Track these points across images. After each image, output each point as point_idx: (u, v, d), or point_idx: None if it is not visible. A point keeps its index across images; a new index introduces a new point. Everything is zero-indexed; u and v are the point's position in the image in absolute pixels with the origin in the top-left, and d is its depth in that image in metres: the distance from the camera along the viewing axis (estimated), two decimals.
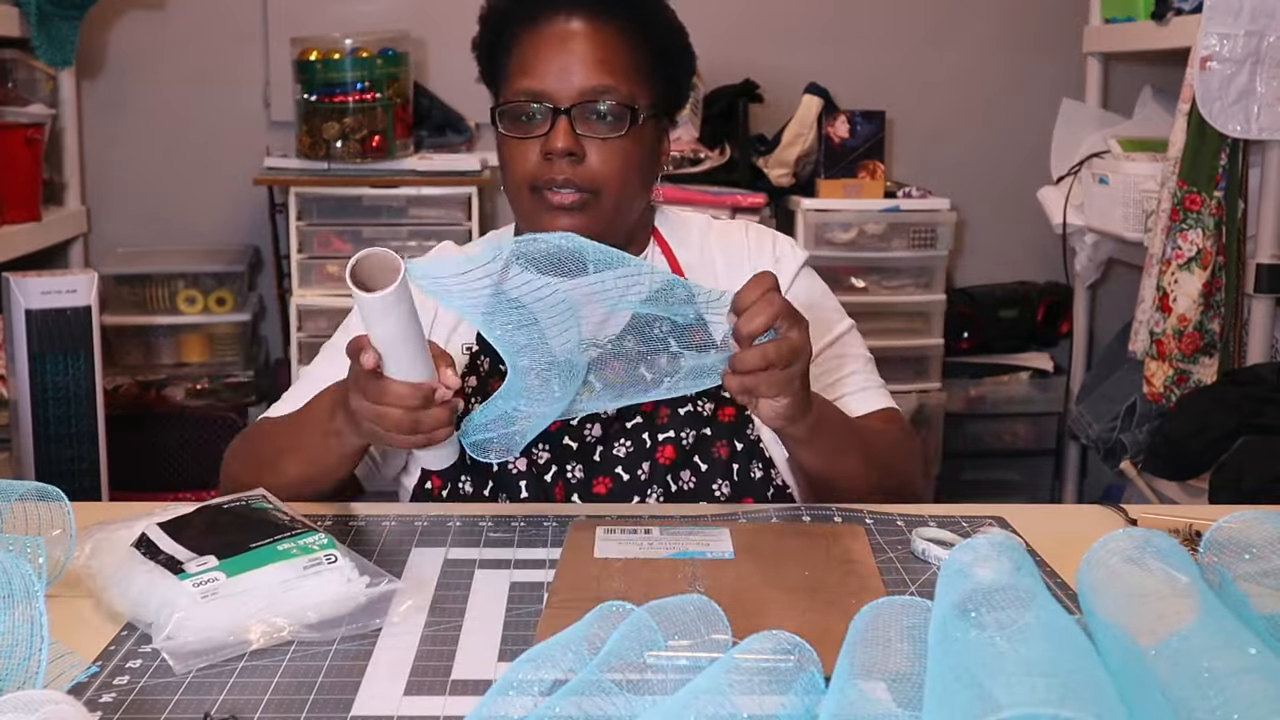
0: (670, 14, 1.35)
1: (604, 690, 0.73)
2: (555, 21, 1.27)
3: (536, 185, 1.25)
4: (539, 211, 1.26)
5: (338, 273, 2.70)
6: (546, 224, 1.25)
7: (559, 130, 1.24)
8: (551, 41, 1.26)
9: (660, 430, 1.29)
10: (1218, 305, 2.22)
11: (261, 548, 0.93)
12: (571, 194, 1.25)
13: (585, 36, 1.26)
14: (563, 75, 1.25)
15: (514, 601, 0.98)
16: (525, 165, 1.26)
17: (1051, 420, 3.04)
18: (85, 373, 1.98)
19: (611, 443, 1.30)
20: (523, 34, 1.29)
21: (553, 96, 1.25)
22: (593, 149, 1.25)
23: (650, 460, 1.28)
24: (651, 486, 1.28)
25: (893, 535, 1.13)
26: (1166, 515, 1.18)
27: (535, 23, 1.28)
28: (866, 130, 2.81)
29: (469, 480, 1.30)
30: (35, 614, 0.77)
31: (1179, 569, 0.77)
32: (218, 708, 0.80)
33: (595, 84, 1.25)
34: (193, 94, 2.98)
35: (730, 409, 1.31)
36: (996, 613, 0.72)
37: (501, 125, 1.28)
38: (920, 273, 2.83)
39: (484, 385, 1.33)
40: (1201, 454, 2.00)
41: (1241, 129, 2.13)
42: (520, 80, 1.26)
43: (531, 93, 1.25)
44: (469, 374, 1.34)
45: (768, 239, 1.43)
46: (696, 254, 1.40)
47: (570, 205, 1.25)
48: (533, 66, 1.26)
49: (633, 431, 1.30)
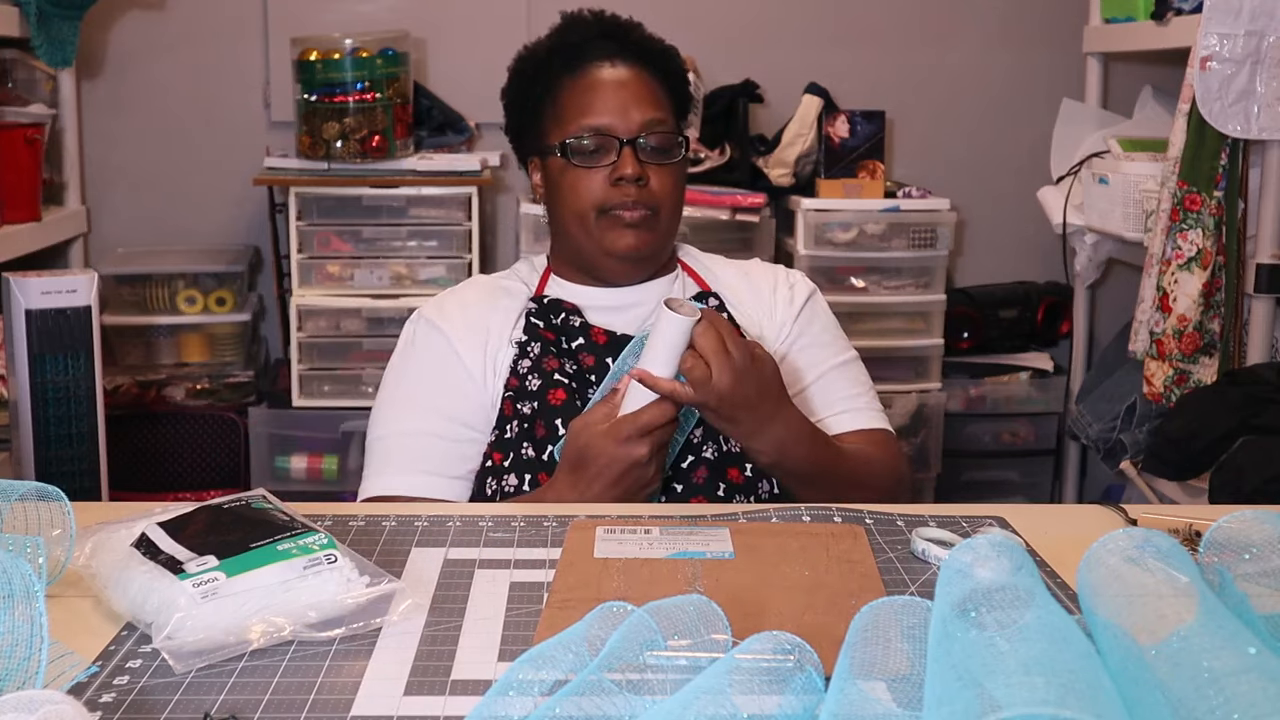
0: (680, 61, 1.54)
1: (604, 690, 0.73)
2: (601, 67, 1.45)
3: (606, 208, 1.42)
4: (608, 230, 1.43)
5: (338, 273, 2.70)
6: (615, 240, 1.43)
7: (626, 158, 1.41)
8: (605, 83, 1.44)
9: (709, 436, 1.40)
10: (1218, 305, 2.22)
11: (261, 548, 0.93)
12: (640, 211, 1.42)
13: (633, 78, 1.46)
14: (623, 111, 1.43)
15: (514, 601, 0.98)
16: (593, 192, 1.43)
17: (1051, 420, 3.04)
18: (85, 373, 1.98)
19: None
20: (568, 82, 1.46)
21: (617, 130, 1.42)
22: (652, 174, 1.43)
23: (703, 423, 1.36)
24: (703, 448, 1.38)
25: (893, 535, 1.13)
26: (1166, 515, 1.18)
27: (580, 71, 1.46)
28: (866, 130, 2.81)
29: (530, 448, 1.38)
30: (35, 614, 0.77)
31: (1179, 569, 0.77)
32: (218, 708, 0.80)
33: (651, 117, 1.43)
34: (193, 94, 2.98)
35: None
36: (996, 613, 0.72)
37: (570, 158, 1.43)
38: (920, 273, 2.83)
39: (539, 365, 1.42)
40: (1201, 454, 2.00)
41: (1241, 129, 2.13)
42: (582, 119, 1.43)
43: (595, 128, 1.42)
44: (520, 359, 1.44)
45: (780, 272, 1.59)
46: (719, 279, 1.55)
47: (638, 222, 1.42)
48: (592, 106, 1.43)
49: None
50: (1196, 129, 2.17)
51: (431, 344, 1.46)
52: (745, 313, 1.51)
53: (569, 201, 1.45)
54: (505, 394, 1.42)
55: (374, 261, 2.70)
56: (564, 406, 1.39)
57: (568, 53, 1.46)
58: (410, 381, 1.46)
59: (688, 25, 1.38)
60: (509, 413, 1.41)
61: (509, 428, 1.40)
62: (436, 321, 1.47)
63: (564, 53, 1.47)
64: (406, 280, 2.71)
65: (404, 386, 1.46)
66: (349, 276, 2.70)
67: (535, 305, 1.48)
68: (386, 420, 1.45)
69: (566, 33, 1.49)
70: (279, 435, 2.74)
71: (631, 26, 1.50)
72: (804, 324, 1.52)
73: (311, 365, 2.71)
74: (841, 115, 2.81)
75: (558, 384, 1.40)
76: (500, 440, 1.41)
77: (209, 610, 0.87)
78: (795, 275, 1.58)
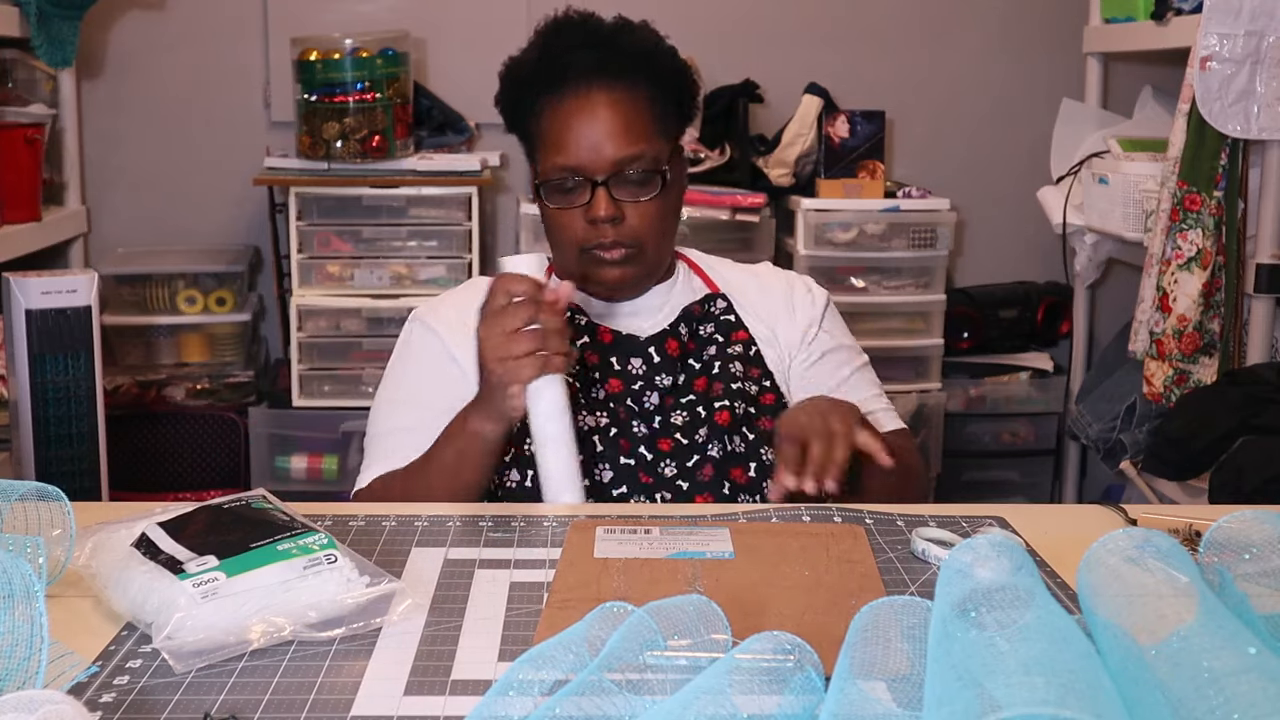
0: (675, 58, 1.47)
1: (604, 690, 0.73)
2: (579, 92, 1.39)
3: (586, 248, 1.40)
4: (591, 267, 1.41)
5: (338, 273, 2.70)
6: (600, 276, 1.42)
7: (599, 200, 1.37)
8: (579, 116, 1.38)
9: (716, 399, 1.41)
10: (1217, 305, 2.22)
11: (261, 548, 0.93)
12: (619, 250, 1.40)
13: (609, 106, 1.38)
14: (595, 150, 1.37)
15: (514, 601, 0.98)
16: (573, 231, 1.40)
17: (1051, 420, 3.04)
18: (85, 373, 1.98)
19: (669, 413, 1.42)
20: (548, 105, 1.41)
21: (588, 170, 1.38)
22: (630, 210, 1.39)
23: (709, 424, 1.40)
24: (711, 443, 1.40)
25: (893, 535, 1.13)
26: (1166, 515, 1.18)
27: (559, 93, 1.40)
28: (866, 130, 2.81)
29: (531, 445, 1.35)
30: (35, 614, 0.77)
31: (1179, 569, 0.77)
32: (218, 708, 0.80)
33: (625, 154, 1.38)
34: (193, 94, 2.98)
35: (770, 395, 1.45)
36: (996, 613, 0.72)
37: (546, 198, 1.41)
38: (920, 273, 2.83)
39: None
40: (1201, 454, 2.00)
41: (1241, 129, 2.13)
42: (555, 156, 1.39)
43: (568, 169, 1.38)
44: None
45: (793, 276, 1.58)
46: (727, 280, 1.54)
47: (619, 260, 1.40)
48: (565, 143, 1.38)
49: (688, 405, 1.42)
50: (1196, 129, 2.17)
51: (426, 344, 1.47)
52: (755, 314, 1.51)
53: (553, 235, 1.44)
54: None
55: (374, 261, 2.70)
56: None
57: (550, 69, 1.41)
58: (406, 381, 1.47)
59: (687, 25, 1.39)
60: None
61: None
62: (430, 322, 1.47)
63: (546, 69, 1.42)
64: (406, 280, 2.71)
65: (400, 386, 1.47)
66: (349, 276, 2.70)
67: None
68: (382, 419, 1.45)
69: (549, 43, 1.43)
70: (279, 435, 2.74)
71: (620, 31, 1.44)
72: (829, 329, 1.53)
73: (311, 365, 2.71)
74: (841, 115, 2.81)
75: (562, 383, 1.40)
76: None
77: (209, 610, 0.87)
78: (809, 280, 1.57)
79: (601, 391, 1.42)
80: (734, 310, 1.50)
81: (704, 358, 1.46)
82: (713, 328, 1.48)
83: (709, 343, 1.47)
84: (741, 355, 1.46)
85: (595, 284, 1.44)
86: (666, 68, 1.45)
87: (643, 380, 1.43)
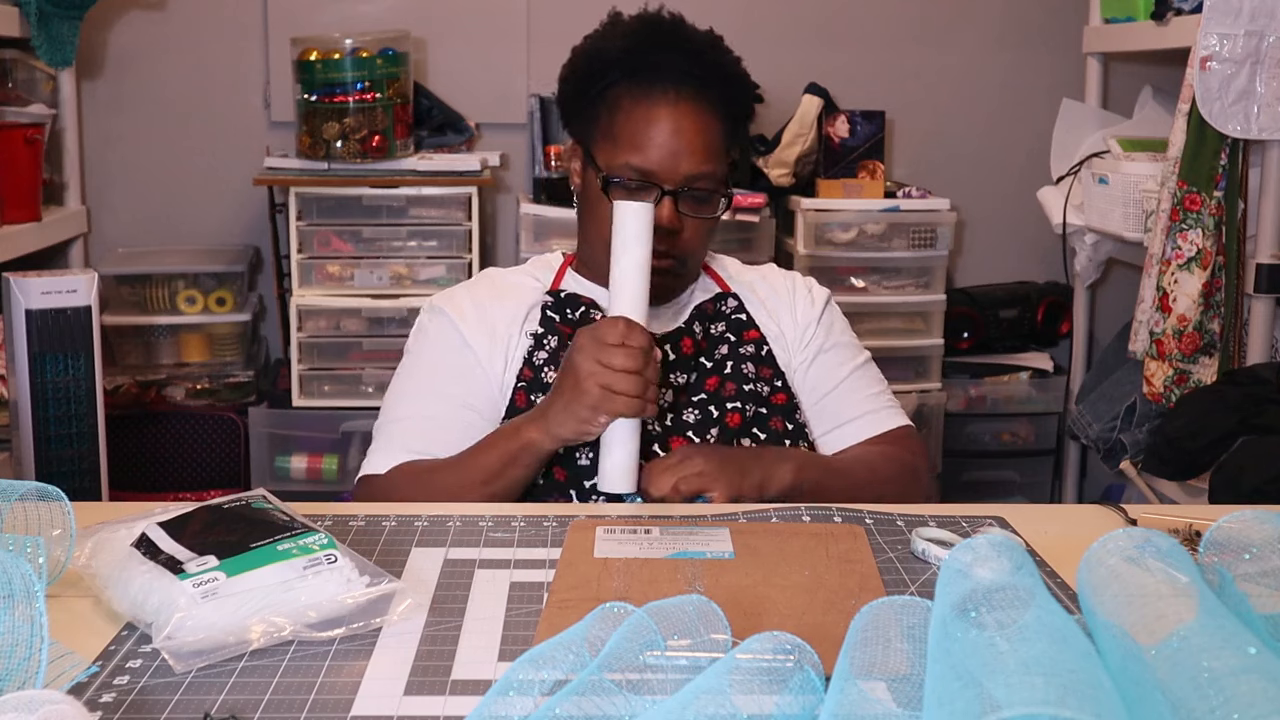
0: (751, 85, 1.48)
1: (604, 690, 0.73)
2: (666, 97, 1.38)
3: None
4: None
5: (338, 273, 2.70)
6: None
7: (665, 209, 1.36)
8: (664, 121, 1.37)
9: (728, 400, 1.42)
10: (1217, 305, 2.22)
11: (262, 547, 0.93)
12: (669, 261, 1.39)
13: (693, 118, 1.38)
14: (673, 160, 1.37)
15: (514, 601, 0.98)
16: None
17: (1051, 420, 3.04)
18: (85, 373, 1.98)
19: (681, 410, 1.42)
20: (628, 99, 1.39)
21: (661, 178, 1.37)
22: (688, 225, 1.39)
23: (720, 425, 1.41)
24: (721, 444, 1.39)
25: (893, 535, 1.13)
26: (1166, 515, 1.18)
27: (644, 92, 1.38)
28: (866, 130, 2.81)
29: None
30: (35, 614, 0.77)
31: (1179, 569, 0.77)
32: (218, 707, 0.80)
33: (698, 170, 1.37)
34: (193, 94, 2.98)
35: (782, 395, 1.46)
36: (996, 612, 0.72)
37: (608, 193, 1.38)
38: (920, 273, 2.83)
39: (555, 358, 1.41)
40: (1201, 454, 2.00)
41: (1241, 129, 2.13)
42: (630, 155, 1.37)
43: (641, 171, 1.37)
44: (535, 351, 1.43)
45: (796, 276, 1.59)
46: (737, 280, 1.55)
47: (665, 270, 1.38)
48: (644, 145, 1.37)
49: (699, 404, 1.42)
50: (1196, 129, 2.17)
51: (442, 331, 1.45)
52: (764, 311, 1.52)
53: (600, 227, 1.40)
54: (518, 384, 1.41)
55: (374, 261, 2.70)
56: None
57: (636, 62, 1.39)
58: (421, 368, 1.45)
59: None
60: (521, 404, 1.40)
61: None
62: (446, 310, 1.46)
63: (633, 62, 1.39)
64: (406, 280, 2.71)
65: (415, 374, 1.46)
66: (349, 276, 2.70)
67: (551, 299, 1.47)
68: (399, 405, 1.44)
69: (639, 37, 1.41)
70: (279, 435, 2.74)
71: (713, 46, 1.44)
72: (826, 328, 1.53)
73: (311, 365, 2.71)
74: (841, 115, 2.81)
75: None
76: None
77: (209, 610, 0.88)
78: (811, 280, 1.58)
79: None
80: (745, 309, 1.50)
81: (715, 356, 1.46)
82: (724, 326, 1.48)
83: (720, 341, 1.47)
84: (754, 355, 1.47)
85: None
86: (742, 93, 1.46)
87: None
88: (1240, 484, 1.83)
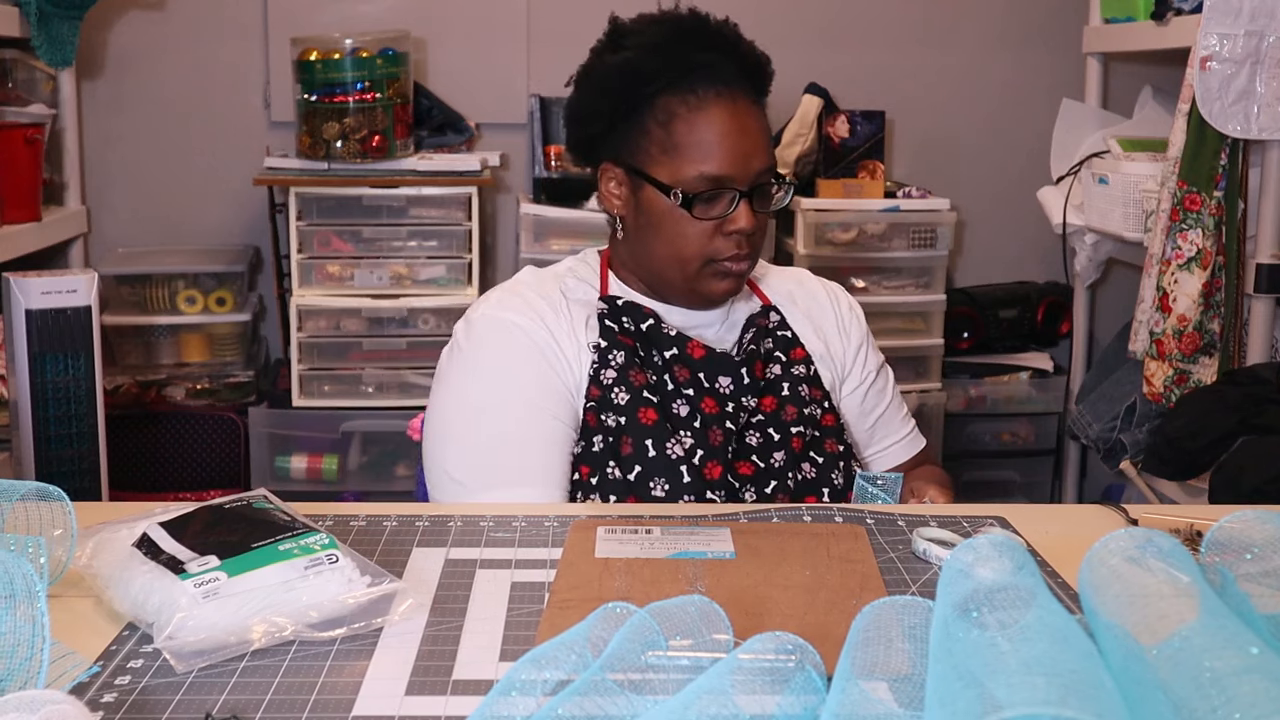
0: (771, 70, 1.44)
1: (606, 690, 0.73)
2: (721, 97, 1.33)
3: (716, 259, 1.35)
4: (708, 278, 1.36)
5: (338, 273, 2.70)
6: (716, 289, 1.37)
7: (743, 213, 1.33)
8: (726, 125, 1.32)
9: (791, 424, 1.39)
10: (1217, 305, 2.22)
11: (263, 547, 0.93)
12: (746, 263, 1.36)
13: (750, 114, 1.35)
14: (745, 160, 1.33)
15: (515, 601, 0.98)
16: (704, 242, 1.34)
17: (1051, 420, 3.04)
18: (85, 373, 1.98)
19: (744, 433, 1.38)
20: (682, 108, 1.33)
21: (735, 180, 1.33)
22: (759, 222, 1.36)
23: (785, 449, 1.37)
24: (788, 473, 1.36)
25: (894, 535, 1.13)
26: (1167, 515, 1.18)
27: (695, 98, 1.33)
28: (866, 130, 2.81)
29: (616, 468, 1.33)
30: (37, 614, 0.77)
31: (1180, 569, 0.77)
32: (219, 707, 0.80)
33: (766, 166, 1.35)
34: (193, 94, 2.98)
35: (830, 417, 1.43)
36: (998, 613, 0.72)
37: (691, 209, 1.32)
38: (920, 273, 2.83)
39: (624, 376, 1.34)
40: (1201, 454, 2.00)
41: (1241, 129, 2.13)
42: (701, 164, 1.32)
43: (715, 178, 1.32)
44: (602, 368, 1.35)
45: (832, 287, 1.57)
46: (774, 289, 1.52)
47: (743, 272, 1.37)
48: (713, 151, 1.32)
49: (759, 426, 1.38)
50: (1196, 129, 2.17)
51: (520, 343, 1.34)
52: (809, 327, 1.48)
53: (672, 244, 1.34)
54: (587, 404, 1.34)
55: (374, 261, 2.70)
56: (655, 427, 1.32)
57: (678, 68, 1.33)
58: (507, 383, 1.33)
59: None
60: (592, 424, 1.33)
61: (594, 441, 1.33)
62: (519, 321, 1.35)
63: (674, 68, 1.33)
64: (406, 280, 2.71)
65: (501, 388, 1.33)
66: (349, 276, 2.70)
67: (606, 306, 1.39)
68: (484, 423, 1.32)
69: (669, 40, 1.34)
70: (279, 435, 2.74)
71: (735, 36, 1.39)
72: (872, 346, 1.54)
73: (311, 365, 2.71)
74: (841, 115, 2.81)
75: (647, 402, 1.33)
76: (586, 453, 1.33)
77: (210, 610, 0.87)
78: (840, 288, 1.57)
79: (686, 408, 1.35)
80: (788, 325, 1.46)
81: (769, 376, 1.41)
82: (772, 344, 1.43)
83: (771, 359, 1.42)
84: (805, 376, 1.42)
85: (701, 296, 1.38)
86: (768, 81, 1.43)
87: (732, 401, 1.37)
88: (1240, 484, 1.83)
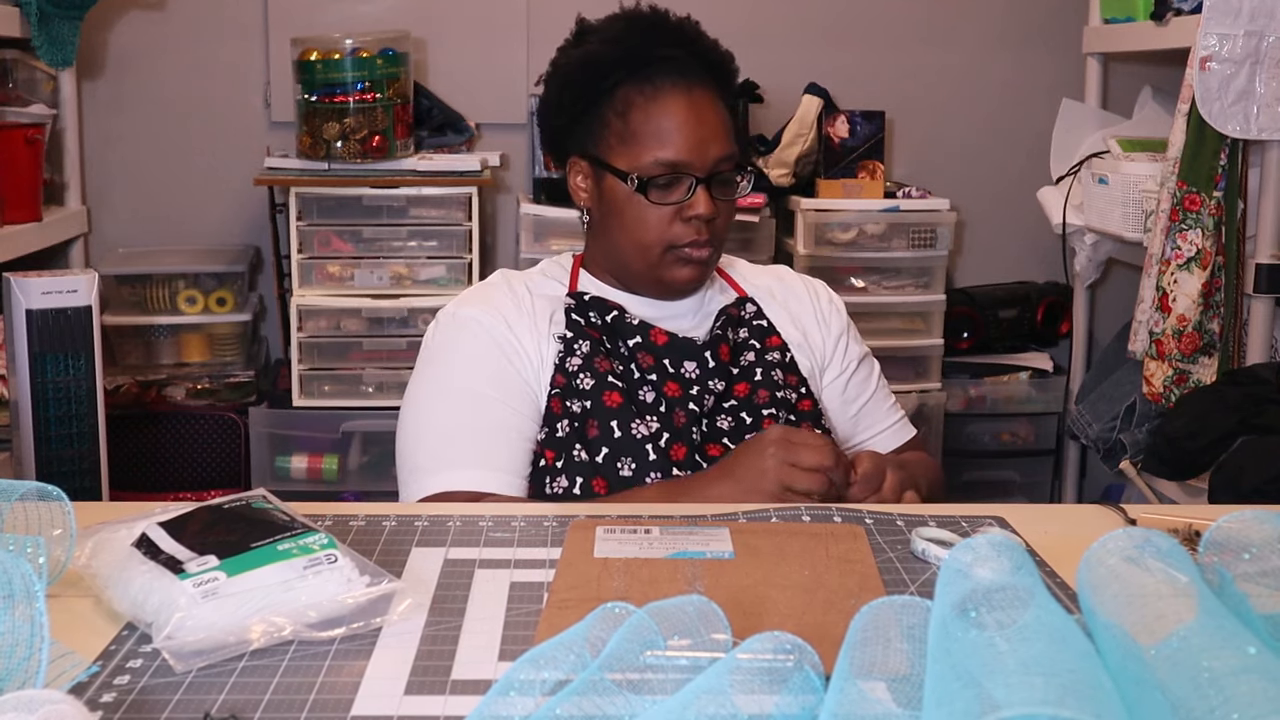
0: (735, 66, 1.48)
1: (605, 690, 0.73)
2: (676, 88, 1.38)
3: (675, 245, 1.39)
4: (672, 267, 1.40)
5: (338, 273, 2.70)
6: (677, 276, 1.41)
7: (701, 199, 1.37)
8: (681, 112, 1.37)
9: (763, 407, 1.42)
10: (1217, 305, 2.22)
11: (262, 547, 0.93)
12: (706, 250, 1.40)
13: (707, 103, 1.39)
14: (701, 147, 1.37)
15: (514, 601, 0.98)
16: (663, 229, 1.38)
17: (1051, 420, 3.04)
18: (85, 373, 1.98)
19: (715, 417, 1.41)
20: (637, 98, 1.38)
21: (692, 167, 1.37)
22: (720, 209, 1.40)
23: (756, 432, 1.38)
24: None
25: (892, 535, 1.13)
26: (1166, 515, 1.18)
27: (652, 88, 1.37)
28: (866, 130, 2.81)
29: (583, 450, 1.36)
30: (36, 614, 0.77)
31: (1179, 569, 0.77)
32: (218, 707, 0.81)
33: (724, 153, 1.38)
34: (193, 94, 2.98)
35: (808, 402, 1.46)
36: (996, 612, 0.72)
37: (647, 194, 1.37)
38: (920, 273, 2.83)
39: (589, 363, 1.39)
40: (1201, 454, 2.00)
41: (1241, 129, 2.13)
42: (658, 151, 1.36)
43: (671, 164, 1.36)
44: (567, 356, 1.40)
45: (812, 281, 1.60)
46: (751, 283, 1.54)
47: (704, 259, 1.40)
48: (668, 138, 1.36)
49: (731, 411, 1.42)
50: (1196, 129, 2.17)
51: (478, 337, 1.40)
52: (785, 316, 1.51)
53: (633, 232, 1.40)
54: (551, 391, 1.39)
55: (374, 261, 2.70)
56: (620, 410, 1.37)
57: (638, 60, 1.38)
58: (463, 373, 1.39)
59: None
60: (557, 410, 1.38)
61: (559, 426, 1.37)
62: (476, 315, 1.41)
63: (634, 60, 1.38)
64: (406, 280, 2.71)
65: (456, 378, 1.39)
66: (349, 276, 2.70)
67: (573, 301, 1.44)
68: (440, 410, 1.38)
69: (631, 36, 1.40)
70: (279, 435, 2.74)
71: (695, 32, 1.43)
72: (854, 337, 1.56)
73: (311, 365, 2.71)
74: (841, 115, 2.81)
75: (612, 386, 1.38)
76: (550, 439, 1.37)
77: (209, 610, 0.88)
78: (822, 283, 1.60)
79: (651, 394, 1.39)
80: (764, 315, 1.50)
81: (742, 363, 1.45)
82: (746, 332, 1.48)
83: (745, 348, 1.46)
84: (779, 362, 1.46)
85: (665, 284, 1.42)
86: (732, 78, 1.47)
87: (698, 385, 1.41)
88: (1240, 484, 1.83)
